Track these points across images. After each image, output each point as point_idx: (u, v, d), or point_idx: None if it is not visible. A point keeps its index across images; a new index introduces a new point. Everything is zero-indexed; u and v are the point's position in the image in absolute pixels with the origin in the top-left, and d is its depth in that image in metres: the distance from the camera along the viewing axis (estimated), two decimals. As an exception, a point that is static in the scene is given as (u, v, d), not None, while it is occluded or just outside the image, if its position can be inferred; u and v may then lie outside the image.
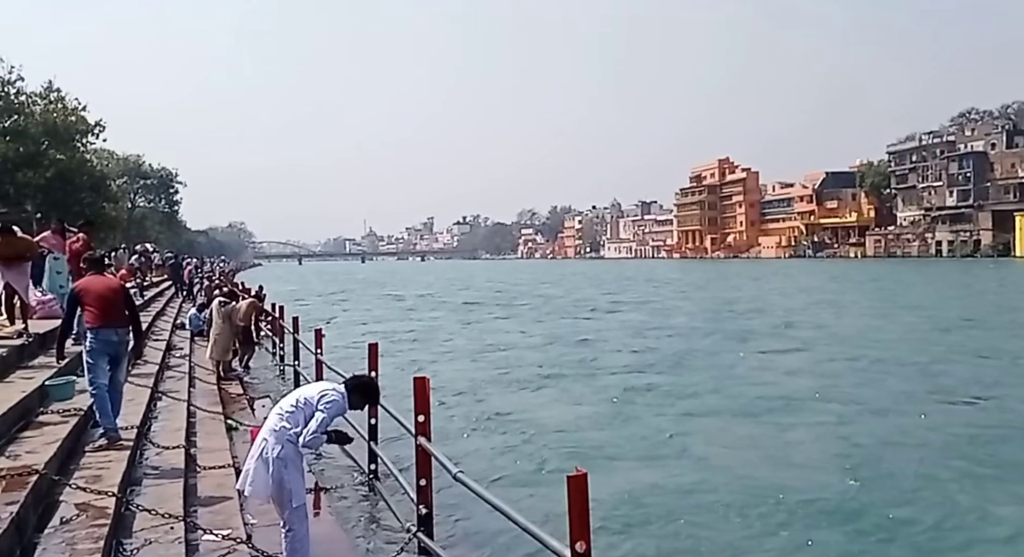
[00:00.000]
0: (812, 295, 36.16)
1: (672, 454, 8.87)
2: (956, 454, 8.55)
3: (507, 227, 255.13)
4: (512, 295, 42.86)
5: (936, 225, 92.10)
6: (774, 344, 18.61)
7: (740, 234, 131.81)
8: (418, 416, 5.14)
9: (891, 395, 11.92)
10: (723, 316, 26.47)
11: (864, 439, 9.20)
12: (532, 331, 23.08)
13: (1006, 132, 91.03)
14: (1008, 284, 40.54)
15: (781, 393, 12.19)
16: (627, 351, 18.00)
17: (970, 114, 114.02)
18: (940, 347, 17.51)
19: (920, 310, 26.61)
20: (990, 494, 7.22)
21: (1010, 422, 10.11)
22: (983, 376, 13.59)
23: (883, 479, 7.66)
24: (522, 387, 13.51)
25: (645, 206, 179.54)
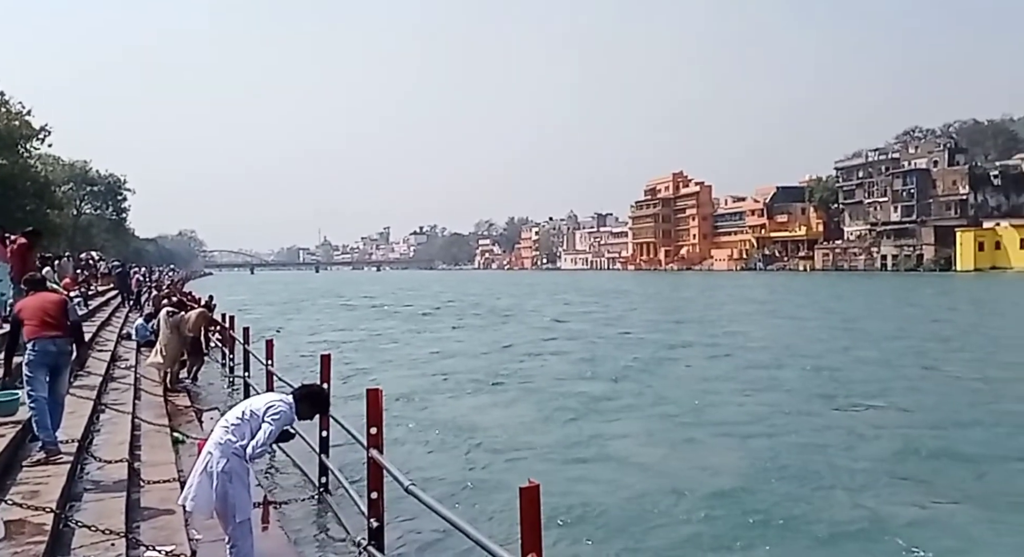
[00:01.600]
0: (753, 306, 37.16)
1: (612, 458, 9.03)
2: (854, 454, 8.98)
3: (464, 237, 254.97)
4: (465, 305, 42.88)
5: (881, 239, 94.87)
6: (708, 353, 19.19)
7: (693, 247, 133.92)
8: (370, 428, 5.09)
9: (807, 400, 12.49)
10: (665, 326, 27.01)
11: (777, 439, 9.67)
12: (483, 340, 23.20)
13: (948, 150, 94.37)
14: (940, 297, 42.19)
15: (709, 398, 12.68)
16: (573, 359, 18.25)
17: (914, 132, 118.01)
18: (858, 355, 18.18)
19: (850, 321, 27.52)
20: (890, 491, 7.57)
21: (901, 423, 10.66)
22: (892, 383, 14.10)
23: (792, 477, 8.03)
24: (473, 396, 13.52)
25: (601, 218, 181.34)
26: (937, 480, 7.95)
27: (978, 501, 7.25)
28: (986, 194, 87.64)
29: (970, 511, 6.98)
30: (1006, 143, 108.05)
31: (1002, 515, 6.90)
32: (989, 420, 10.81)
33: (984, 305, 36.00)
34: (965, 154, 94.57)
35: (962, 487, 7.70)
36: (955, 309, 33.73)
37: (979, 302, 38.17)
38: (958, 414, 11.25)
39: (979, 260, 79.81)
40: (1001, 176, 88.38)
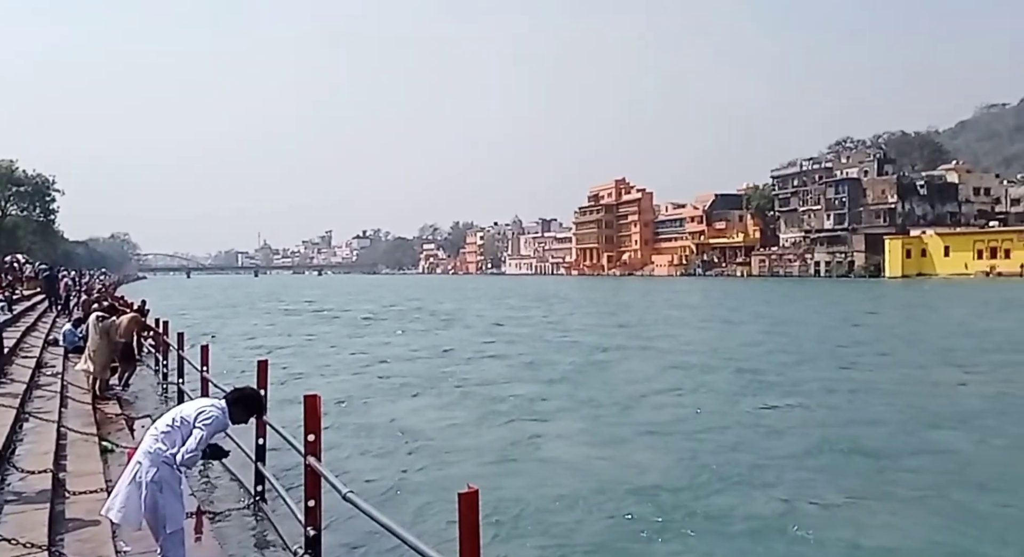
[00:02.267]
0: (687, 311, 38.08)
1: (547, 459, 9.15)
2: (770, 451, 9.37)
3: (408, 242, 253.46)
4: (407, 310, 42.69)
5: (815, 246, 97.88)
6: (641, 356, 19.69)
7: (635, 252, 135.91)
8: (308, 435, 5.00)
9: (729, 400, 12.99)
10: (602, 330, 27.47)
11: (700, 437, 10.05)
12: (423, 344, 23.21)
13: (877, 160, 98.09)
14: (863, 303, 43.84)
15: (639, 399, 13.10)
16: (511, 363, 18.42)
17: (846, 143, 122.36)
18: (780, 358, 18.86)
19: (776, 325, 28.57)
20: (802, 485, 7.91)
21: (814, 422, 11.17)
22: (809, 383, 14.66)
23: (714, 473, 8.36)
24: (412, 400, 13.47)
25: (545, 224, 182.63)
26: (845, 474, 8.31)
27: (882, 494, 7.59)
28: (913, 203, 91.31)
29: (874, 504, 7.30)
30: (931, 154, 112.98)
31: (903, 507, 7.24)
32: (896, 418, 11.30)
33: (902, 310, 37.53)
34: (893, 164, 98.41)
35: (867, 481, 8.05)
36: (876, 313, 35.03)
37: (899, 307, 39.82)
38: (868, 412, 11.74)
39: (906, 267, 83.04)
40: (927, 186, 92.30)
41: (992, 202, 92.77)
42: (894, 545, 6.32)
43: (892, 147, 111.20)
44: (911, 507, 7.23)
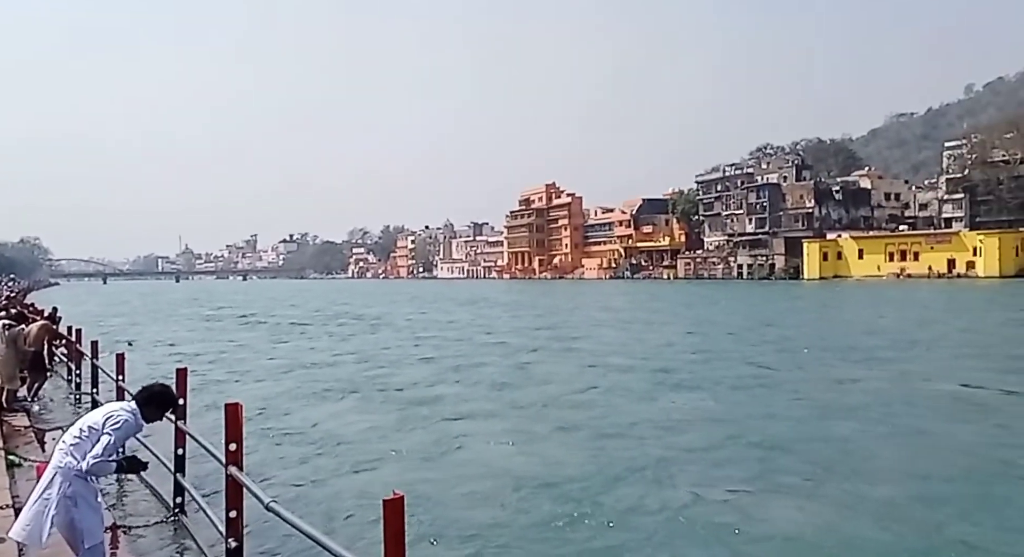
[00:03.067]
0: (610, 313, 38.87)
1: (469, 461, 9.23)
2: (680, 445, 9.78)
3: (337, 246, 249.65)
4: (334, 315, 42.08)
5: (738, 250, 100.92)
6: (563, 357, 20.11)
7: (566, 256, 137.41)
8: (229, 444, 4.85)
9: (636, 396, 13.50)
10: (527, 332, 27.84)
11: (614, 435, 10.38)
12: (348, 349, 22.97)
13: (796, 166, 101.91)
14: (777, 303, 45.65)
15: (558, 399, 13.39)
16: (436, 366, 18.42)
17: (766, 149, 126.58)
18: (693, 357, 19.57)
19: (694, 326, 29.64)
20: (709, 477, 8.28)
21: (720, 417, 11.63)
22: (720, 380, 15.28)
23: (629, 468, 8.66)
24: (337, 407, 13.28)
25: (477, 227, 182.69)
26: (744, 465, 8.70)
27: (776, 483, 7.97)
28: (829, 208, 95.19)
29: (768, 491, 7.68)
30: (846, 161, 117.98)
31: (795, 493, 7.63)
32: (794, 412, 11.85)
33: (814, 310, 39.08)
34: (811, 170, 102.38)
35: (764, 471, 8.43)
36: (789, 314, 36.43)
37: (810, 308, 41.44)
38: (768, 407, 12.27)
39: (823, 269, 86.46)
40: (842, 191, 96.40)
41: (902, 207, 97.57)
42: (784, 530, 6.63)
43: (809, 154, 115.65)
44: (802, 494, 7.60)
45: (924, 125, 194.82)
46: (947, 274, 76.75)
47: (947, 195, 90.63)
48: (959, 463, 8.61)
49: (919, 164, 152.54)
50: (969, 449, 9.25)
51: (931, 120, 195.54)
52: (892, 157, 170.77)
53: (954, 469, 8.38)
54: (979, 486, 7.71)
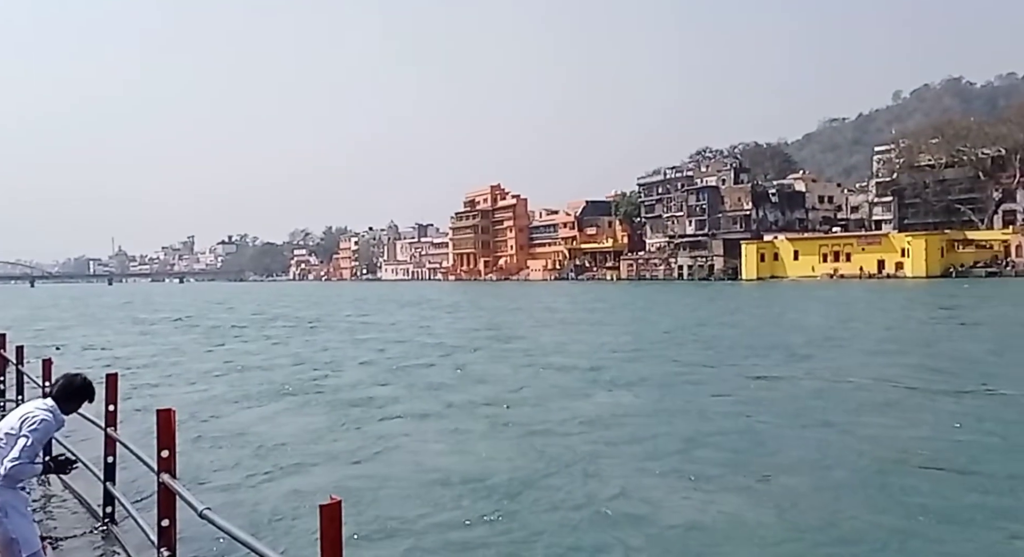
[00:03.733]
0: (550, 314, 39.33)
1: (404, 462, 9.24)
2: (607, 441, 10.11)
3: (278, 247, 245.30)
4: (273, 317, 41.37)
5: (678, 251, 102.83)
6: (499, 356, 20.33)
7: (511, 258, 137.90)
8: (161, 451, 4.72)
9: (567, 393, 13.86)
10: (466, 334, 27.97)
11: (538, 431, 10.66)
12: (285, 352, 22.69)
13: (734, 170, 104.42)
14: (712, 303, 46.94)
15: (492, 398, 13.61)
16: (373, 368, 18.34)
17: (705, 152, 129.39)
18: (624, 354, 20.05)
19: (627, 325, 30.44)
20: (638, 472, 8.56)
21: (646, 411, 12.10)
22: (647, 377, 15.77)
23: (559, 464, 8.88)
24: (272, 411, 13.07)
25: (422, 228, 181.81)
26: (665, 458, 9.02)
27: (694, 474, 8.30)
28: (766, 210, 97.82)
29: (685, 482, 8.01)
30: (781, 164, 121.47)
31: (712, 484, 7.93)
32: (714, 407, 12.30)
33: (746, 310, 39.95)
34: (748, 173, 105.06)
35: (683, 463, 8.77)
36: (722, 313, 37.43)
37: (743, 308, 42.30)
38: (691, 402, 12.70)
39: (761, 270, 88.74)
40: (778, 194, 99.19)
41: (835, 209, 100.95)
42: (694, 518, 6.94)
43: (747, 157, 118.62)
44: (715, 484, 7.92)
45: (855, 130, 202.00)
46: (877, 274, 79.63)
47: (877, 198, 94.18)
48: (859, 452, 9.06)
49: (851, 168, 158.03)
50: (869, 439, 9.72)
51: (862, 125, 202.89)
52: (825, 161, 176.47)
53: (854, 457, 8.82)
54: (876, 474, 8.11)
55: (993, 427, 10.25)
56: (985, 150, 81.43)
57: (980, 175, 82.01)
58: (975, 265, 74.30)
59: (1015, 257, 73.12)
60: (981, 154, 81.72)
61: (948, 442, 9.46)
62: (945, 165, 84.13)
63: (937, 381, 14.13)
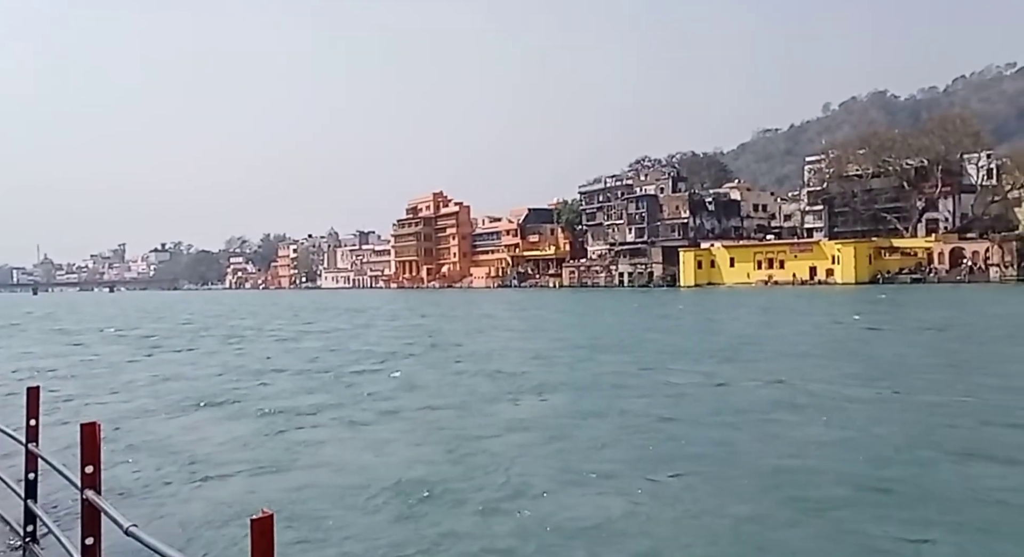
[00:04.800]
0: (486, 321, 39.41)
1: (328, 468, 9.24)
2: (520, 441, 10.45)
3: (214, 255, 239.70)
4: (205, 326, 40.37)
5: (619, 258, 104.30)
6: (427, 363, 20.43)
7: (454, 265, 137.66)
8: (85, 466, 4.56)
9: (490, 399, 14.08)
10: (397, 342, 27.84)
11: (458, 434, 10.92)
12: (215, 362, 22.19)
13: (672, 178, 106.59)
14: (645, 309, 47.90)
15: (415, 402, 13.83)
16: (304, 376, 18.15)
17: (644, 161, 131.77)
18: (549, 360, 20.45)
19: (559, 330, 30.98)
20: (541, 468, 8.89)
21: (561, 414, 12.51)
22: (567, 381, 16.09)
23: (469, 463, 9.20)
24: (201, 422, 12.73)
25: (363, 236, 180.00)
26: (578, 459, 9.27)
27: (600, 473, 8.56)
28: (703, 218, 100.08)
29: (593, 482, 8.25)
30: (718, 173, 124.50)
31: (621, 484, 8.16)
32: (629, 408, 12.68)
33: (676, 317, 40.66)
34: (686, 182, 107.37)
35: (586, 464, 9.01)
36: (652, 319, 38.31)
37: (674, 315, 43.00)
38: (604, 405, 13.00)
39: (698, 277, 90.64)
40: (714, 202, 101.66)
41: (768, 217, 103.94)
42: (604, 514, 7.17)
43: (684, 166, 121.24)
44: (627, 482, 8.19)
45: (787, 140, 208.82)
46: (809, 281, 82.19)
47: (808, 207, 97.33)
48: (758, 451, 9.47)
49: (783, 177, 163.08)
50: (771, 437, 10.19)
51: (793, 136, 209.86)
52: (759, 170, 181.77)
53: (750, 455, 9.23)
54: (772, 472, 8.46)
55: (883, 426, 10.77)
56: (909, 161, 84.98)
57: (905, 185, 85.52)
58: (901, 272, 77.38)
59: (937, 264, 76.45)
60: (905, 165, 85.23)
61: (841, 439, 9.98)
62: (872, 175, 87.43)
63: (841, 382, 14.80)
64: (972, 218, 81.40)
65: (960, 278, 72.24)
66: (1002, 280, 70.20)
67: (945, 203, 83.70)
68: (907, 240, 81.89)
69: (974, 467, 8.43)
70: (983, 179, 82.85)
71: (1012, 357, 18.39)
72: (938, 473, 8.24)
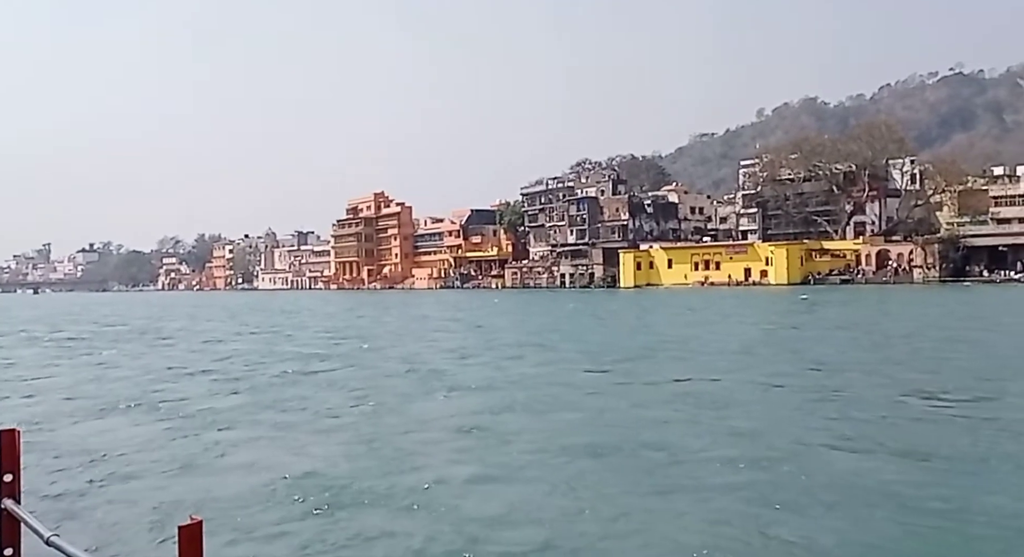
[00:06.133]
0: (417, 323, 39.36)
1: (248, 468, 9.22)
2: (436, 435, 10.81)
3: (145, 255, 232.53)
4: (129, 329, 39.09)
5: (561, 259, 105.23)
6: (351, 363, 20.36)
7: (395, 266, 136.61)
8: (4, 475, 4.38)
9: (405, 396, 14.40)
10: (329, 342, 27.71)
11: (372, 432, 11.10)
12: (137, 365, 21.54)
13: (612, 181, 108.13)
14: (588, 308, 48.59)
15: (334, 402, 13.88)
16: (227, 378, 17.81)
17: (585, 164, 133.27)
18: (470, 359, 20.70)
19: (490, 331, 31.22)
20: (447, 463, 9.21)
21: (475, 409, 12.79)
22: (487, 379, 16.37)
23: (379, 458, 9.39)
24: (121, 426, 12.34)
25: (302, 236, 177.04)
26: (480, 453, 9.61)
27: (504, 466, 8.90)
28: (642, 220, 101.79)
29: (495, 476, 8.54)
30: (656, 176, 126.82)
31: (530, 479, 8.42)
32: (533, 405, 13.03)
33: (607, 316, 41.48)
34: (625, 185, 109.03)
35: (489, 456, 9.38)
36: (581, 318, 38.97)
37: (605, 314, 43.86)
38: (517, 401, 13.37)
39: (638, 278, 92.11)
40: (653, 205, 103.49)
41: (705, 220, 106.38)
42: (501, 507, 7.42)
43: (624, 169, 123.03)
44: (528, 475, 8.49)
45: (723, 144, 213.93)
46: (744, 282, 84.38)
47: (743, 209, 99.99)
48: (653, 442, 9.94)
49: (719, 180, 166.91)
50: (656, 430, 10.74)
51: (729, 140, 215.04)
52: (696, 173, 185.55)
53: (637, 446, 9.69)
54: (664, 463, 8.87)
55: (795, 414, 11.52)
56: (838, 166, 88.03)
57: (834, 189, 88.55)
58: (831, 273, 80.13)
59: (865, 265, 79.45)
60: (835, 169, 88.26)
61: (723, 428, 10.61)
62: (803, 179, 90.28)
63: (735, 377, 15.58)
64: (897, 221, 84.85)
65: (886, 279, 75.26)
66: (925, 281, 73.41)
67: (872, 207, 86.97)
68: (837, 242, 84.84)
69: (834, 453, 9.08)
70: (907, 184, 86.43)
71: (894, 358, 18.85)
72: (801, 459, 8.80)
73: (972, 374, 15.16)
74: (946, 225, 79.63)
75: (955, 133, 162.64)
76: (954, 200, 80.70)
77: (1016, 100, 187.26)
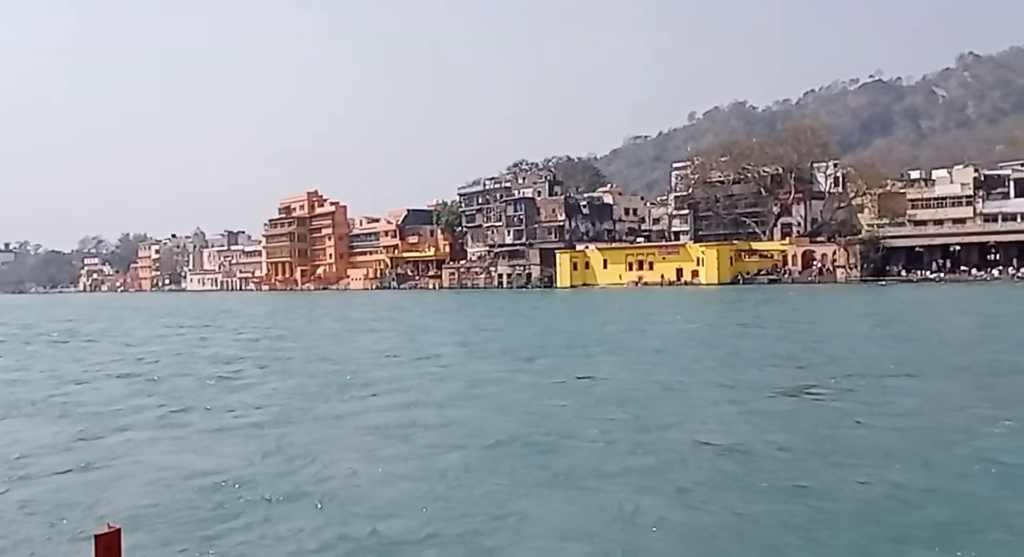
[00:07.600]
0: (346, 324, 38.94)
1: (157, 471, 9.06)
2: (355, 432, 10.94)
3: (66, 256, 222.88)
4: (42, 331, 37.44)
5: (498, 260, 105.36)
6: (263, 365, 20.15)
7: (330, 266, 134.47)
8: None
9: (313, 397, 14.33)
10: (248, 344, 27.30)
11: (283, 431, 11.10)
12: (43, 367, 20.76)
13: (548, 182, 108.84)
14: (521, 307, 49.08)
15: (241, 400, 13.90)
16: (136, 381, 17.40)
17: (522, 165, 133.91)
18: (390, 359, 20.85)
19: (417, 332, 31.37)
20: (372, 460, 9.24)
21: (403, 404, 13.07)
22: (410, 378, 16.53)
23: (293, 456, 9.42)
24: (22, 431, 11.81)
25: (232, 236, 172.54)
26: (401, 447, 9.80)
27: (420, 461, 9.06)
28: (578, 221, 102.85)
29: (413, 469, 8.68)
30: (591, 178, 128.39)
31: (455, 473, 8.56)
32: (459, 402, 13.26)
33: (538, 316, 41.67)
34: (561, 186, 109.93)
35: (413, 451, 9.55)
36: (514, 317, 39.36)
37: (534, 314, 44.03)
38: (442, 399, 13.59)
39: (574, 278, 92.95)
40: (588, 206, 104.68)
41: (639, 221, 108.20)
42: (407, 500, 7.54)
43: (560, 170, 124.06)
44: (437, 471, 8.64)
45: (656, 147, 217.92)
46: (676, 282, 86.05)
47: (675, 211, 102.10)
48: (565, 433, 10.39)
49: (652, 182, 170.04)
50: (549, 421, 11.22)
51: (662, 143, 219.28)
52: (631, 175, 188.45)
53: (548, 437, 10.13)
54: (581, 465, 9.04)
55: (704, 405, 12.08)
56: (766, 169, 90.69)
57: (762, 191, 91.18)
58: (759, 273, 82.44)
59: (791, 266, 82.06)
60: (763, 172, 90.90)
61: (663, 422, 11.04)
62: (733, 181, 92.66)
63: (642, 371, 16.27)
64: (821, 223, 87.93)
65: (811, 279, 77.87)
66: (847, 280, 76.27)
67: (798, 208, 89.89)
68: (764, 243, 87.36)
69: (712, 444, 9.52)
70: (831, 186, 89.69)
71: (793, 354, 19.55)
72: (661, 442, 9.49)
73: (852, 368, 16.08)
74: (867, 227, 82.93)
75: (875, 138, 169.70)
76: (874, 202, 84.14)
77: (931, 107, 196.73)
